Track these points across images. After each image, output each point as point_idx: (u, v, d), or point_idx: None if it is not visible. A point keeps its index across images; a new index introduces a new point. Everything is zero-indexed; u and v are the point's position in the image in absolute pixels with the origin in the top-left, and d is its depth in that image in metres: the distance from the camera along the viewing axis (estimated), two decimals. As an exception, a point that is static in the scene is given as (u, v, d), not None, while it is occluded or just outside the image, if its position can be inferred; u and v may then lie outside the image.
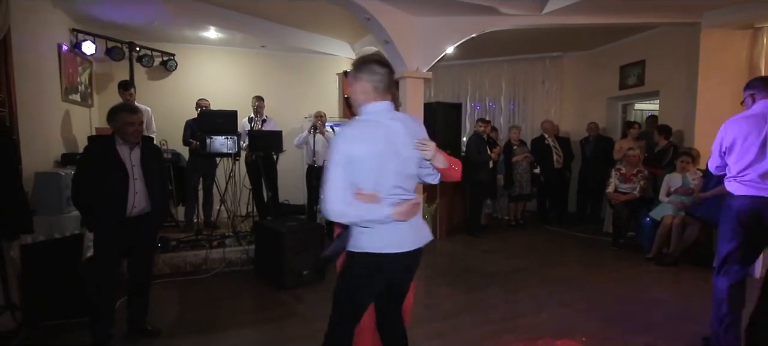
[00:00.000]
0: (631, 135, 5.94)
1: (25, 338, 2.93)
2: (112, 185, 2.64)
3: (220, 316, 3.38)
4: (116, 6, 4.73)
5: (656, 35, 6.14)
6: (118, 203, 2.65)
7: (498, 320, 3.28)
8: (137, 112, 2.76)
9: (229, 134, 4.68)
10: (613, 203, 5.40)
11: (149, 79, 6.15)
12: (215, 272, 4.32)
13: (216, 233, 4.92)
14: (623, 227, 5.40)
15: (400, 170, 1.72)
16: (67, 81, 4.61)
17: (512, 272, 4.48)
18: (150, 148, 2.89)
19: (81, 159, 2.77)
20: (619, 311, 3.42)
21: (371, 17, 4.71)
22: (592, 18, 5.18)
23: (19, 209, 2.95)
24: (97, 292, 2.74)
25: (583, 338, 2.95)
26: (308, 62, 7.10)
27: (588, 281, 4.17)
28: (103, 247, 2.71)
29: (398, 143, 1.71)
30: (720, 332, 2.51)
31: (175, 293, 3.84)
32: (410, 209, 1.70)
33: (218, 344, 2.95)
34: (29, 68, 3.56)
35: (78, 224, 3.29)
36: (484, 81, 8.19)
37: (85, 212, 2.72)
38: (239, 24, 5.71)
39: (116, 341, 2.85)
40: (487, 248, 5.53)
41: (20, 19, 3.39)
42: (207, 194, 5.50)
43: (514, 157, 6.57)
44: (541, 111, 7.72)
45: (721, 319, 2.52)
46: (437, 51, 5.39)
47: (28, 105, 3.42)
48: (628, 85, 6.72)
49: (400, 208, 1.66)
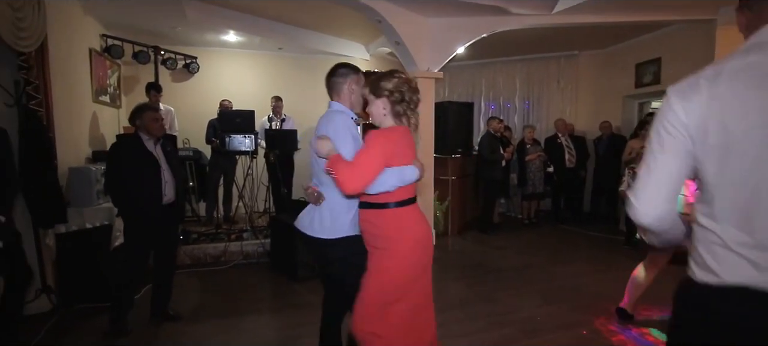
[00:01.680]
0: (642, 136, 5.88)
1: (60, 319, 3.18)
2: (147, 176, 2.89)
3: (238, 304, 3.58)
4: (143, 12, 5.01)
5: (672, 33, 6.08)
6: (154, 193, 2.89)
7: (500, 312, 3.37)
8: (159, 109, 2.99)
9: (247, 133, 4.90)
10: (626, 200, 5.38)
11: (173, 81, 6.45)
12: (233, 263, 4.54)
13: (234, 228, 5.14)
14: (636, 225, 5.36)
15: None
16: (98, 83, 4.91)
17: (521, 268, 4.54)
18: (169, 144, 3.16)
19: (112, 155, 2.99)
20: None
21: (382, 19, 4.84)
22: (604, 16, 5.18)
23: (55, 201, 3.22)
24: (124, 279, 2.96)
25: (583, 331, 3.02)
26: (324, 63, 7.14)
27: (596, 278, 4.20)
28: (136, 236, 2.93)
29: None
30: None
31: (196, 282, 4.07)
32: (310, 195, 2.02)
33: (236, 328, 3.13)
34: (63, 71, 3.84)
35: (107, 216, 3.54)
36: (498, 80, 8.22)
37: (121, 203, 2.94)
38: (257, 27, 5.94)
39: (142, 325, 3.07)
40: (498, 245, 5.59)
41: (55, 26, 3.66)
42: (227, 190, 5.74)
43: (527, 156, 6.61)
44: (555, 110, 7.70)
45: None
46: (448, 52, 5.48)
47: (62, 106, 3.69)
48: (644, 83, 6.65)
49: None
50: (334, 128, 1.89)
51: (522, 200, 6.91)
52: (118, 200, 2.96)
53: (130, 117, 3.03)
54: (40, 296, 3.18)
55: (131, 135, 3.05)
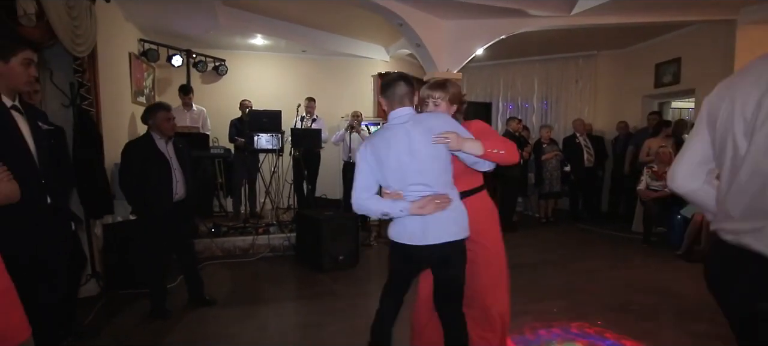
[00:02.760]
0: (663, 133, 5.91)
1: (107, 302, 3.46)
2: (159, 175, 3.03)
3: (266, 291, 3.82)
4: (179, 18, 5.31)
5: (692, 32, 6.09)
6: (165, 191, 3.04)
7: (518, 303, 3.48)
8: (170, 109, 3.18)
9: (273, 132, 5.15)
10: (644, 199, 5.44)
11: (203, 82, 6.77)
12: (260, 255, 4.78)
13: (261, 222, 5.40)
14: (653, 223, 5.42)
15: (420, 169, 1.85)
16: (136, 85, 5.24)
17: (538, 263, 4.66)
18: (180, 142, 3.27)
19: (124, 156, 3.08)
20: (639, 302, 3.55)
21: (403, 22, 5.03)
22: (623, 17, 5.25)
23: (103, 194, 3.51)
24: (148, 270, 3.19)
25: (598, 321, 3.13)
26: (346, 65, 7.51)
27: (612, 274, 4.29)
28: (152, 230, 3.09)
29: (414, 143, 1.84)
30: None
31: (227, 273, 4.32)
32: (427, 204, 1.80)
33: (265, 313, 3.36)
34: (109, 74, 4.15)
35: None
36: (517, 81, 8.31)
37: (133, 202, 3.09)
38: (283, 31, 6.20)
39: (181, 309, 3.33)
40: (516, 242, 5.68)
41: (102, 32, 3.95)
42: (251, 186, 6.01)
43: (543, 156, 6.70)
44: (574, 110, 7.75)
45: None
46: (467, 53, 5.63)
47: (108, 106, 3.99)
48: (663, 83, 6.66)
49: (418, 203, 1.81)
50: (453, 124, 1.90)
51: (539, 199, 6.99)
52: (131, 199, 3.06)
53: (142, 116, 3.14)
54: (89, 281, 3.47)
55: (144, 136, 3.13)
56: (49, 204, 2.01)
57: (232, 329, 3.08)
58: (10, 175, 1.63)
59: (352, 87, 7.56)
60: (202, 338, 2.94)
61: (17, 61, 1.87)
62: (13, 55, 1.87)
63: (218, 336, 2.97)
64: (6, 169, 1.62)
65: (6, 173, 1.61)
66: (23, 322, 1.60)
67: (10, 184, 1.62)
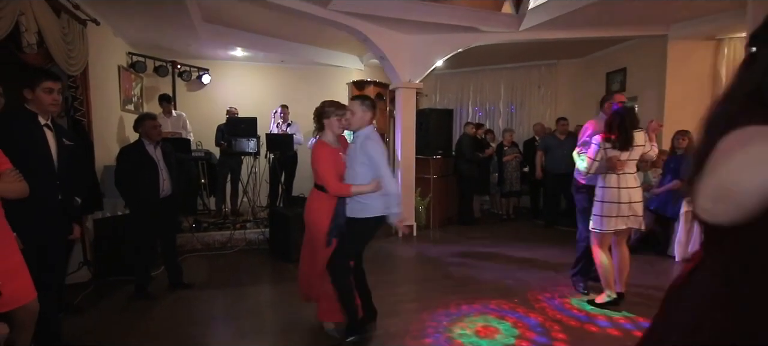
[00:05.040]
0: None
1: (96, 287, 3.98)
2: (147, 175, 3.59)
3: (241, 278, 4.35)
4: (163, 33, 5.83)
5: (635, 45, 6.69)
6: (153, 189, 3.61)
7: (453, 285, 4.08)
8: (156, 118, 3.73)
9: (250, 137, 5.69)
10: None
11: (187, 90, 7.29)
12: (238, 248, 5.31)
13: (239, 219, 5.93)
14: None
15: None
16: (124, 94, 5.75)
17: (486, 254, 5.23)
18: (167, 146, 3.83)
19: (119, 160, 3.63)
20: (560, 281, 4.12)
21: (367, 38, 5.58)
22: (564, 33, 5.82)
23: (94, 193, 4.03)
24: (136, 257, 3.72)
25: (515, 299, 3.70)
26: (322, 73, 8.06)
27: (545, 261, 4.86)
28: (142, 222, 3.64)
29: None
30: None
31: (206, 263, 4.85)
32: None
33: (239, 295, 3.88)
34: (99, 86, 4.67)
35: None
36: (485, 86, 8.89)
37: (126, 198, 3.69)
38: (261, 44, 6.73)
39: (163, 292, 3.86)
40: (473, 236, 6.27)
41: (93, 49, 4.47)
42: (234, 186, 6.54)
43: (504, 158, 7.28)
44: (537, 114, 8.34)
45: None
46: (428, 64, 6.19)
47: (98, 114, 4.51)
48: (612, 90, 7.24)
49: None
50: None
51: (501, 197, 7.57)
52: (125, 195, 3.66)
53: (133, 125, 3.72)
54: (81, 268, 3.99)
55: (135, 142, 3.67)
56: (60, 200, 2.56)
57: (206, 307, 3.62)
58: (21, 176, 2.16)
59: (328, 94, 7.88)
60: (180, 315, 3.47)
61: (41, 90, 2.44)
62: (38, 84, 2.44)
63: (194, 313, 3.50)
64: (18, 172, 2.15)
65: (18, 175, 2.14)
66: (31, 287, 2.14)
67: (21, 183, 2.15)
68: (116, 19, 5.17)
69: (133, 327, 3.21)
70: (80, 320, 3.28)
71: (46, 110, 2.48)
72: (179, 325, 3.27)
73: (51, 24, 3.29)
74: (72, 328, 3.05)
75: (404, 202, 6.20)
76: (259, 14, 5.55)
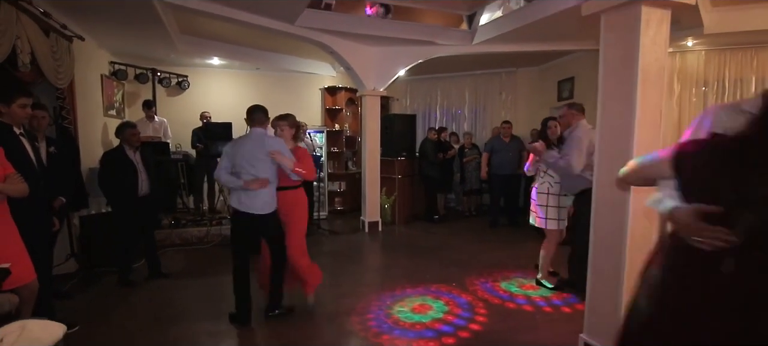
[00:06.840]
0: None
1: (83, 276, 4.43)
2: (128, 177, 4.09)
3: (215, 268, 4.83)
4: (143, 44, 6.26)
5: (582, 56, 7.35)
6: (132, 188, 4.11)
7: (402, 273, 4.64)
8: (136, 126, 4.22)
9: (226, 140, 6.16)
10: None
11: (167, 96, 7.70)
12: (214, 243, 5.79)
13: (216, 216, 6.39)
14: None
15: (254, 166, 3.16)
16: (107, 100, 6.17)
17: (440, 246, 5.81)
18: (146, 151, 4.34)
19: (102, 163, 4.15)
20: (496, 269, 4.71)
21: (333, 51, 6.11)
22: (512, 47, 6.42)
23: (80, 192, 4.47)
24: (118, 249, 4.21)
25: (453, 283, 4.29)
26: (296, 80, 8.55)
27: (490, 253, 5.46)
28: (124, 217, 4.15)
29: (254, 150, 3.15)
30: None
31: (184, 256, 5.33)
32: (251, 183, 3.11)
33: (213, 283, 4.36)
34: (84, 94, 5.10)
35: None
36: (452, 92, 9.49)
37: (109, 196, 4.21)
38: (236, 53, 7.21)
39: (144, 280, 4.33)
40: (434, 231, 6.86)
41: (78, 62, 4.91)
42: (210, 186, 6.99)
43: (465, 159, 7.89)
44: (498, 118, 8.94)
45: None
46: (391, 74, 6.75)
47: (83, 121, 4.94)
48: (563, 97, 7.92)
49: (248, 182, 3.11)
50: (282, 146, 3.32)
51: (463, 195, 8.19)
52: (107, 194, 4.19)
53: (115, 132, 4.20)
54: (69, 259, 4.43)
55: (117, 147, 4.17)
56: (42, 198, 3.01)
57: (183, 293, 4.11)
58: (22, 178, 2.63)
59: (302, 99, 8.60)
60: (159, 298, 3.95)
61: (16, 105, 2.83)
62: (14, 100, 2.81)
63: (173, 297, 3.99)
64: (20, 175, 2.62)
65: (20, 177, 2.62)
66: (31, 269, 2.62)
67: (23, 184, 2.62)
68: (99, 34, 5.60)
69: (116, 308, 3.70)
70: (70, 303, 3.74)
71: (19, 123, 2.84)
72: (159, 307, 3.76)
73: (42, 44, 3.73)
74: (63, 309, 3.51)
75: (368, 198, 6.78)
76: (233, 27, 6.02)
